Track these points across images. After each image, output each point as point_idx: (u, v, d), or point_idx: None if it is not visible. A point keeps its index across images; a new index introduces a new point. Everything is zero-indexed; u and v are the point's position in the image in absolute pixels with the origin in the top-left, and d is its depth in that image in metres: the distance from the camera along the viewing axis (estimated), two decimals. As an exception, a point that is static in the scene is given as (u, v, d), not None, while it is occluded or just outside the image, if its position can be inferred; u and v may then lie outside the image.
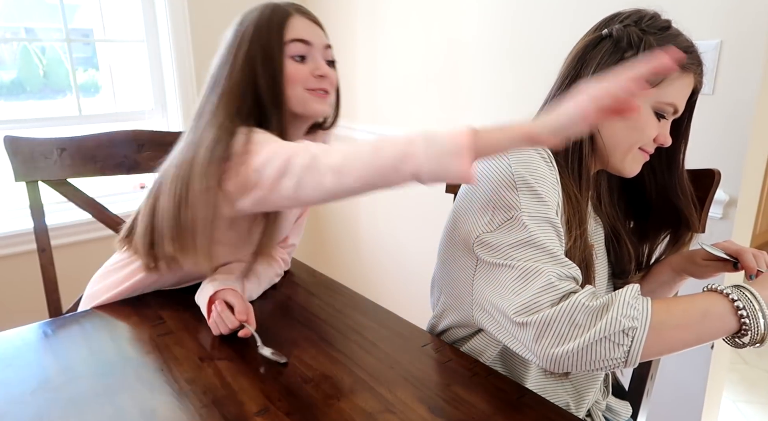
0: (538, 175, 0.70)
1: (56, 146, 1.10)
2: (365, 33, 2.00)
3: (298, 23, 0.86)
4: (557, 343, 0.62)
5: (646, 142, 0.76)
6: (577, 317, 0.62)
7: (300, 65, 0.86)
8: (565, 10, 1.38)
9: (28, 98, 1.98)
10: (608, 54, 0.74)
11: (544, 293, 0.64)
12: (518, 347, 0.67)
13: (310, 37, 0.87)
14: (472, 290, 0.74)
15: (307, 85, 0.87)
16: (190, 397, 0.71)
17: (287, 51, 0.85)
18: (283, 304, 0.98)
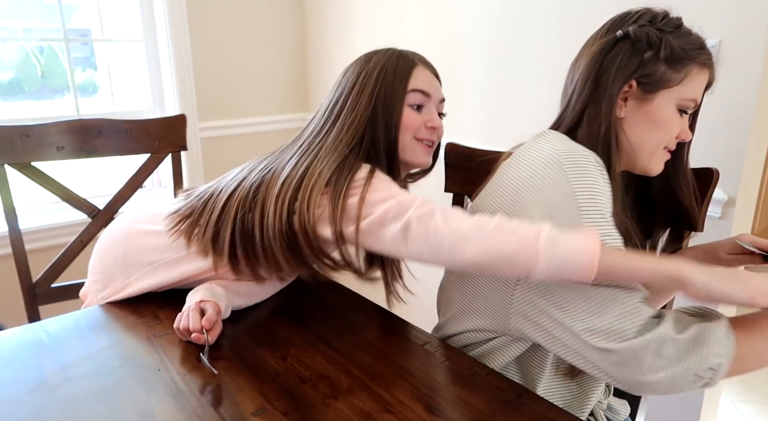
0: (597, 191, 0.68)
1: (20, 133, 1.18)
2: (363, 32, 2.00)
3: (421, 74, 0.91)
4: (641, 372, 0.62)
5: (671, 140, 0.77)
6: (665, 349, 0.61)
7: (416, 114, 0.90)
8: (561, 10, 1.38)
9: (25, 98, 1.98)
10: (628, 55, 0.74)
11: (629, 318, 0.63)
12: (588, 367, 0.66)
13: (429, 89, 0.91)
14: (512, 300, 0.72)
15: (417, 134, 0.90)
16: (187, 397, 0.70)
17: (407, 99, 0.89)
18: (281, 303, 0.97)
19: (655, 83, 0.74)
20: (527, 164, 0.73)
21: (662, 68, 0.74)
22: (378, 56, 0.91)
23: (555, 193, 0.68)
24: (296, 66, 2.32)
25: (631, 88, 0.75)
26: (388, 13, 1.88)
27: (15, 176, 1.19)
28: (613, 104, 0.75)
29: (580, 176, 0.68)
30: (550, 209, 0.68)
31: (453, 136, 1.73)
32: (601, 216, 0.67)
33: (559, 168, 0.69)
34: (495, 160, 0.87)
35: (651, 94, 0.75)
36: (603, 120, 0.75)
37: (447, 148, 1.14)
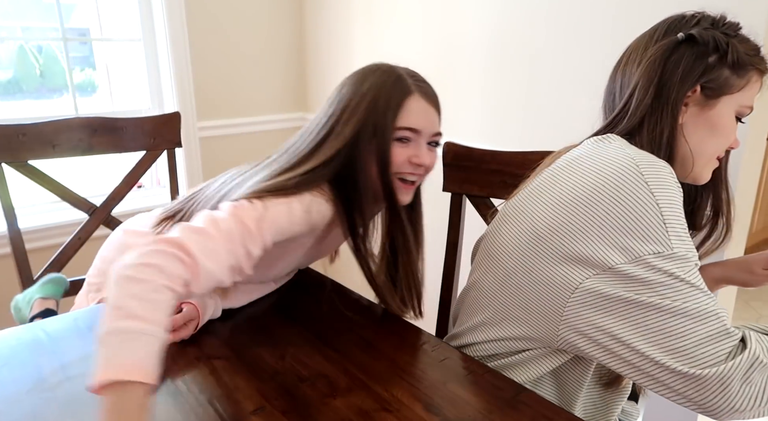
0: (678, 204, 0.65)
1: (17, 132, 1.18)
2: (362, 32, 2.00)
3: (415, 106, 0.83)
4: (729, 400, 0.59)
5: (726, 147, 0.76)
6: (754, 376, 0.58)
7: (401, 149, 0.84)
8: (560, 10, 1.38)
9: (24, 98, 1.97)
10: (692, 59, 0.71)
11: (718, 341, 0.59)
12: (662, 390, 0.62)
13: (421, 125, 0.84)
14: (564, 312, 0.67)
15: (400, 169, 0.85)
16: (186, 396, 0.70)
17: (395, 134, 0.83)
18: (279, 302, 0.98)
19: (719, 88, 0.72)
20: (597, 171, 0.68)
21: (726, 73, 0.71)
22: (374, 78, 0.84)
23: (635, 203, 0.63)
24: (295, 65, 2.32)
25: (694, 94, 0.72)
26: (387, 11, 1.88)
27: (14, 176, 1.20)
28: (677, 110, 0.72)
29: (662, 188, 0.64)
30: (630, 222, 0.63)
31: (452, 135, 1.73)
32: (683, 228, 0.63)
33: (638, 177, 0.64)
34: (508, 161, 0.84)
35: (713, 100, 0.72)
36: (666, 126, 0.72)
37: (445, 148, 1.14)
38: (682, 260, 0.61)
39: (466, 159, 1.12)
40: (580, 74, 1.37)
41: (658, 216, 0.62)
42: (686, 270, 0.61)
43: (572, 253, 0.66)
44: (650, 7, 1.21)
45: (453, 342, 0.85)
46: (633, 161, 0.66)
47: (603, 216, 0.65)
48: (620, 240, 0.63)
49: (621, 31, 1.26)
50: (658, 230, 0.62)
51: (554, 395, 0.78)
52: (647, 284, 0.61)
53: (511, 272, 0.74)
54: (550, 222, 0.69)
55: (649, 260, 0.61)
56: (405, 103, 0.83)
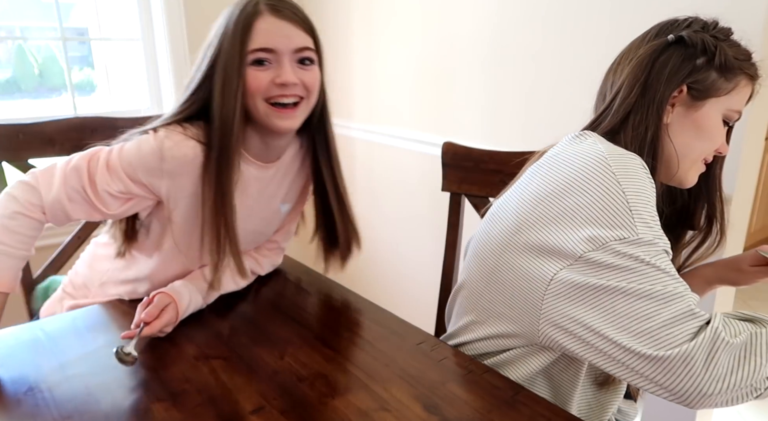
0: (646, 193, 0.66)
1: (16, 131, 1.18)
2: (362, 32, 2.00)
3: (264, 26, 0.80)
4: (694, 382, 0.58)
5: (713, 151, 0.76)
6: (717, 356, 0.58)
7: (260, 72, 0.81)
8: (558, 10, 1.38)
9: (23, 97, 1.97)
10: (680, 60, 0.72)
11: (682, 322, 0.59)
12: (635, 379, 0.62)
13: (274, 43, 0.80)
14: (542, 305, 0.68)
15: (267, 94, 0.81)
16: (184, 396, 0.70)
17: (248, 59, 0.80)
18: (278, 302, 0.98)
19: (706, 90, 0.73)
20: (568, 166, 0.70)
21: (714, 76, 0.72)
22: (231, 7, 0.83)
23: (603, 194, 0.65)
24: (294, 65, 2.32)
25: (681, 94, 0.73)
26: (386, 11, 1.88)
27: (15, 176, 1.19)
28: (662, 109, 0.73)
29: (629, 177, 0.66)
30: (596, 211, 0.64)
31: (451, 135, 1.73)
32: (651, 216, 0.64)
33: (606, 169, 0.66)
34: (508, 161, 0.85)
35: (700, 102, 0.73)
36: (651, 125, 0.73)
37: (444, 148, 1.14)
38: (648, 244, 0.62)
39: (465, 159, 1.12)
40: (578, 74, 1.37)
41: (624, 203, 0.64)
42: (652, 254, 0.62)
43: (545, 245, 0.68)
44: (649, 8, 1.21)
45: (449, 342, 0.85)
46: (602, 155, 0.68)
47: (573, 207, 0.66)
48: (588, 229, 0.64)
49: (620, 31, 1.26)
50: (624, 217, 0.63)
51: (549, 395, 0.79)
52: (614, 270, 0.62)
53: (495, 269, 0.75)
54: (526, 217, 0.71)
55: (614, 245, 0.62)
56: (254, 25, 0.80)
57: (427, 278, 1.96)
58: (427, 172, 1.84)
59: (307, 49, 0.84)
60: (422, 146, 1.84)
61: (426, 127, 1.83)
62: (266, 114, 0.83)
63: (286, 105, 0.83)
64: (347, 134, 2.17)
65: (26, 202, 0.83)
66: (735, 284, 0.89)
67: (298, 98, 0.85)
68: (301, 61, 0.84)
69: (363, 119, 2.08)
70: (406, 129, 1.91)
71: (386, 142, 1.99)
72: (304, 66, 0.84)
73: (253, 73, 0.81)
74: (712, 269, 0.91)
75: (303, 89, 0.84)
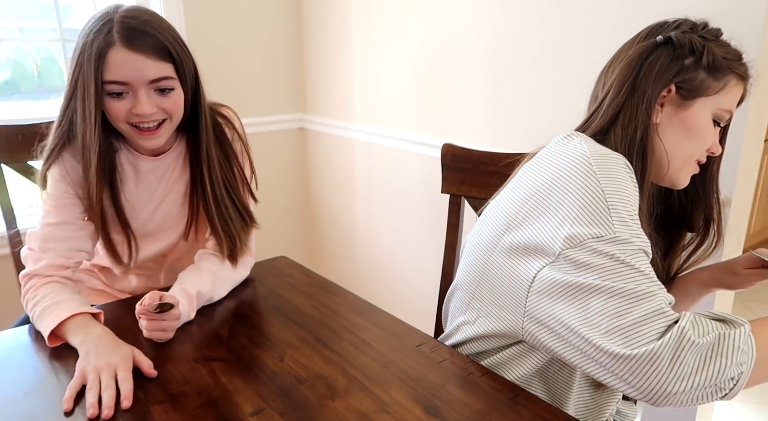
0: (626, 191, 0.66)
1: (15, 132, 1.16)
2: (361, 34, 2.00)
3: (116, 58, 0.81)
4: (659, 381, 0.59)
5: (703, 151, 0.76)
6: (683, 355, 0.58)
7: (117, 103, 0.84)
8: (558, 11, 1.38)
9: (22, 98, 1.97)
10: (668, 60, 0.73)
11: (651, 321, 0.59)
12: (607, 377, 0.62)
13: (128, 77, 0.82)
14: (526, 302, 0.69)
15: (128, 120, 0.86)
16: (184, 398, 0.70)
17: (105, 89, 0.83)
18: (277, 304, 0.97)
19: (694, 90, 0.73)
20: (553, 166, 0.71)
21: (702, 75, 0.73)
22: (88, 26, 0.83)
23: (583, 192, 0.65)
24: (294, 66, 2.32)
25: (669, 94, 0.74)
26: (385, 12, 1.88)
27: (14, 177, 1.19)
28: (651, 108, 0.73)
29: (610, 177, 0.66)
30: (576, 209, 0.65)
31: (450, 136, 1.73)
32: (630, 215, 0.65)
33: (587, 168, 0.67)
34: (508, 162, 0.85)
35: (689, 101, 0.74)
36: (640, 124, 0.73)
37: (444, 149, 1.14)
38: (625, 243, 0.63)
39: (465, 161, 1.12)
40: (578, 76, 1.38)
41: (602, 202, 0.64)
42: (628, 253, 0.62)
43: (529, 243, 0.69)
44: (649, 9, 1.21)
45: (446, 343, 0.86)
46: (585, 154, 0.69)
47: (555, 206, 0.67)
48: (568, 227, 0.65)
49: (620, 33, 1.26)
50: (601, 215, 0.64)
51: (545, 397, 0.79)
52: (590, 268, 0.63)
53: (485, 269, 0.76)
54: (513, 217, 0.72)
55: (591, 243, 0.63)
56: (107, 56, 0.81)
57: (427, 279, 1.96)
58: (427, 173, 1.84)
59: (163, 79, 0.85)
60: (422, 148, 1.84)
61: (426, 129, 1.83)
62: (130, 134, 0.88)
63: (149, 127, 0.87)
64: (347, 136, 2.17)
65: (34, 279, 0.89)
66: (731, 287, 0.89)
67: (160, 121, 0.88)
68: (159, 89, 0.86)
69: (362, 121, 2.08)
70: (406, 131, 1.91)
71: (386, 144, 1.99)
72: (163, 94, 0.86)
73: (111, 103, 0.84)
74: (708, 272, 0.91)
75: (163, 113, 0.87)
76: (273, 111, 2.30)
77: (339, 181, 2.29)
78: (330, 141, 2.28)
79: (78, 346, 0.77)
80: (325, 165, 2.35)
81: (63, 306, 0.82)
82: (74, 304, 0.83)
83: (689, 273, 0.93)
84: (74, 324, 0.79)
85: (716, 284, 0.90)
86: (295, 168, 2.43)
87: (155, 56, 0.82)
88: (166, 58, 0.84)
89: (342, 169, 2.25)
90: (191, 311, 0.89)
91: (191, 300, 0.89)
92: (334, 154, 2.27)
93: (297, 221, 2.50)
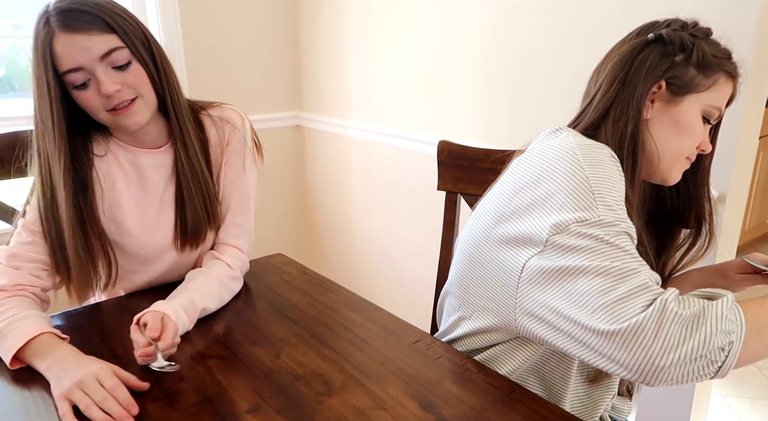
0: (610, 178, 0.67)
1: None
2: (357, 31, 2.00)
3: (61, 46, 0.79)
4: (646, 355, 0.58)
5: (693, 148, 0.77)
6: (666, 326, 0.57)
7: (85, 93, 0.82)
8: (556, 10, 1.39)
9: (16, 96, 1.96)
10: (659, 57, 0.74)
11: (635, 296, 0.59)
12: (597, 359, 0.62)
13: (77, 61, 0.79)
14: (517, 294, 0.69)
15: (105, 107, 0.83)
16: (180, 395, 0.70)
17: (67, 82, 0.81)
18: (274, 301, 0.97)
19: (684, 86, 0.74)
20: (541, 159, 0.72)
21: (692, 72, 0.74)
22: (33, 28, 0.80)
23: (568, 181, 0.66)
24: (290, 64, 2.31)
25: (660, 90, 0.75)
26: (382, 10, 1.88)
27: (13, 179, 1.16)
28: (641, 104, 0.74)
29: (594, 164, 0.67)
30: (562, 197, 0.66)
31: (446, 133, 1.73)
32: (614, 200, 0.66)
33: (573, 158, 0.68)
34: (503, 159, 0.85)
35: (679, 97, 0.75)
36: (630, 119, 0.74)
37: (440, 146, 1.14)
38: (609, 225, 0.63)
39: (461, 158, 1.12)
40: (574, 73, 1.38)
41: (587, 187, 0.65)
42: (612, 234, 0.63)
43: (518, 235, 0.69)
44: (642, 10, 1.22)
45: (441, 339, 0.86)
46: (571, 146, 0.70)
47: (542, 196, 0.68)
48: (555, 215, 0.66)
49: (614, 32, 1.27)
50: (586, 200, 0.65)
51: (541, 393, 0.79)
52: (575, 251, 0.63)
53: (477, 263, 0.76)
54: (503, 210, 0.73)
55: (576, 227, 0.64)
56: (53, 47, 0.79)
57: (423, 276, 1.96)
58: (424, 171, 1.85)
59: (114, 51, 0.82)
60: (419, 145, 1.84)
61: (422, 126, 1.83)
62: (111, 121, 0.86)
63: (123, 106, 0.85)
64: (343, 133, 2.17)
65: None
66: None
67: (131, 98, 0.85)
68: (116, 67, 0.83)
69: (359, 118, 2.08)
70: (403, 128, 1.91)
71: (382, 141, 1.99)
72: (122, 70, 0.83)
73: (81, 95, 0.82)
74: (701, 274, 0.91)
75: (130, 90, 0.85)
76: (269, 109, 2.30)
77: (336, 179, 2.29)
78: (326, 138, 2.28)
79: (45, 372, 0.72)
80: (321, 162, 2.35)
81: (27, 323, 0.77)
82: (41, 321, 0.78)
83: (683, 274, 0.93)
84: (39, 345, 0.74)
85: (709, 287, 0.90)
86: (291, 166, 2.43)
87: (95, 31, 0.80)
88: (106, 30, 0.81)
89: (338, 167, 2.25)
90: (190, 324, 0.86)
91: (195, 313, 0.87)
92: (330, 151, 2.27)
93: (294, 218, 2.50)
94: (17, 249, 0.86)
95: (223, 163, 1.00)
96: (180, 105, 0.93)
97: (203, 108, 0.99)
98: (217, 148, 1.00)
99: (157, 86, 0.88)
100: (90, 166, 0.91)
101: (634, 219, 0.72)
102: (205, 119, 0.98)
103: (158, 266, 1.00)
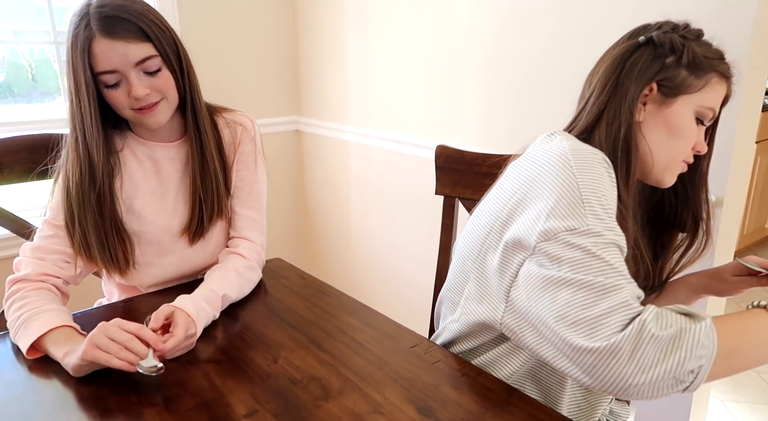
0: (601, 186, 0.67)
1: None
2: (356, 36, 2.00)
3: (100, 49, 0.84)
4: (619, 373, 0.59)
5: (689, 150, 0.77)
6: (642, 347, 0.58)
7: (115, 92, 0.88)
8: (555, 13, 1.39)
9: (16, 101, 1.96)
10: (650, 59, 0.75)
11: (616, 314, 0.59)
12: (574, 370, 0.62)
13: (113, 64, 0.85)
14: (509, 297, 0.70)
15: (131, 106, 0.89)
16: (177, 400, 0.70)
17: (100, 81, 0.87)
18: (272, 306, 0.97)
19: (676, 88, 0.74)
20: (535, 163, 0.72)
21: (683, 73, 0.74)
22: (71, 25, 0.85)
23: (559, 187, 0.67)
24: (288, 68, 2.32)
25: (652, 92, 0.75)
26: (381, 14, 1.88)
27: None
28: (633, 106, 0.75)
29: (586, 172, 0.67)
30: (552, 203, 0.66)
31: (445, 138, 1.74)
32: (603, 209, 0.66)
33: (565, 164, 0.68)
34: (501, 163, 0.86)
35: (671, 99, 0.75)
36: (623, 122, 0.74)
37: (438, 151, 1.15)
38: (597, 235, 0.63)
39: (459, 162, 1.13)
40: (571, 78, 1.38)
41: (577, 195, 0.65)
42: (600, 246, 0.63)
43: (511, 239, 0.70)
44: (647, 12, 1.22)
45: (436, 342, 0.86)
46: (565, 151, 0.70)
47: (534, 201, 0.69)
48: (545, 222, 0.66)
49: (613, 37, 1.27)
50: (575, 209, 0.65)
51: (539, 398, 0.79)
52: (562, 261, 0.63)
53: (472, 267, 0.77)
54: (498, 215, 0.73)
55: (564, 236, 0.64)
56: (92, 48, 0.84)
57: (421, 281, 1.96)
58: (422, 175, 1.85)
59: (148, 59, 0.88)
60: (417, 150, 1.85)
61: (420, 131, 1.84)
62: (135, 118, 0.92)
63: (148, 105, 0.90)
64: (342, 138, 2.17)
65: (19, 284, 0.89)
66: (720, 294, 0.90)
67: (157, 100, 0.91)
68: (148, 72, 0.89)
69: (358, 123, 2.09)
70: (401, 133, 1.91)
71: (381, 146, 2.00)
72: (152, 75, 0.89)
73: (111, 93, 0.88)
74: (697, 278, 0.91)
75: (157, 93, 0.91)
76: (268, 113, 2.31)
77: (334, 183, 2.29)
78: (325, 143, 2.28)
79: (61, 359, 0.75)
80: (320, 167, 2.35)
81: (49, 315, 0.81)
82: (63, 315, 0.83)
83: (680, 278, 0.93)
84: (58, 335, 0.78)
85: (705, 290, 0.90)
86: (290, 170, 2.43)
87: (133, 39, 0.86)
88: (143, 38, 0.87)
89: (337, 172, 2.25)
90: (215, 312, 0.91)
91: (217, 301, 0.91)
92: (329, 156, 2.28)
93: (292, 222, 2.50)
94: (40, 242, 0.92)
95: (235, 160, 1.06)
96: (200, 106, 0.99)
97: (218, 111, 1.06)
98: (230, 147, 1.05)
99: (181, 89, 0.94)
100: (115, 159, 0.96)
101: (630, 222, 0.72)
102: (219, 120, 1.05)
103: (172, 257, 1.03)
